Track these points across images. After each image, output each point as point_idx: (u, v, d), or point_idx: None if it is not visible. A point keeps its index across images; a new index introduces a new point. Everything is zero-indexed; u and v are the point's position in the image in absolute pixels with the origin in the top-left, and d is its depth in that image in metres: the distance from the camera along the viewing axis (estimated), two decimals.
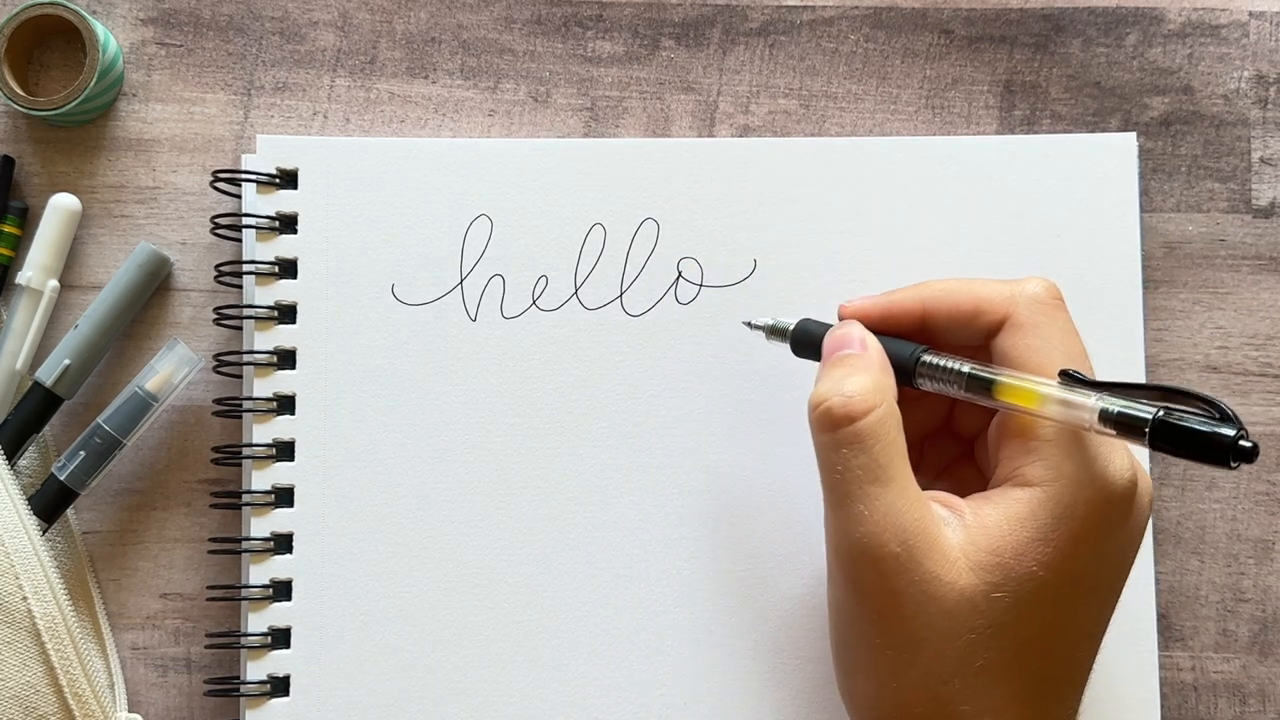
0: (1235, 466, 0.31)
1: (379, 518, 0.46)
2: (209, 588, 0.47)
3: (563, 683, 0.46)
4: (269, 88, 0.49)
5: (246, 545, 0.46)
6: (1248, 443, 0.31)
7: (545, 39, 0.50)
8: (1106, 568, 0.37)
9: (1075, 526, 0.36)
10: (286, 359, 0.47)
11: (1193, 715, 0.48)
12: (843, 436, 0.37)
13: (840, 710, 0.41)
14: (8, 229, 0.48)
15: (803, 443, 0.40)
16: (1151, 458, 0.47)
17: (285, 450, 0.46)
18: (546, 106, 0.50)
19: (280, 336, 0.47)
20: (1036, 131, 0.49)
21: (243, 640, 0.45)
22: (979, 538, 0.36)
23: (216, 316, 0.47)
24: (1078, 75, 0.50)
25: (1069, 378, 0.36)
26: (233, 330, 0.48)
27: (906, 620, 0.36)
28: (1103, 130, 0.49)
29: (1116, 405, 0.34)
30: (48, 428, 0.47)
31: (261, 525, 0.46)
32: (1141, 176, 0.49)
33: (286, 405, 0.46)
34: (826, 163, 0.48)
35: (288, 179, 0.47)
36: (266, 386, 0.46)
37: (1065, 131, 0.49)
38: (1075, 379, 0.36)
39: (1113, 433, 0.34)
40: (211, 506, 0.48)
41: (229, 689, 0.45)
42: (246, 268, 0.47)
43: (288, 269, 0.47)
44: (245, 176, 0.47)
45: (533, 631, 0.46)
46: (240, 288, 0.48)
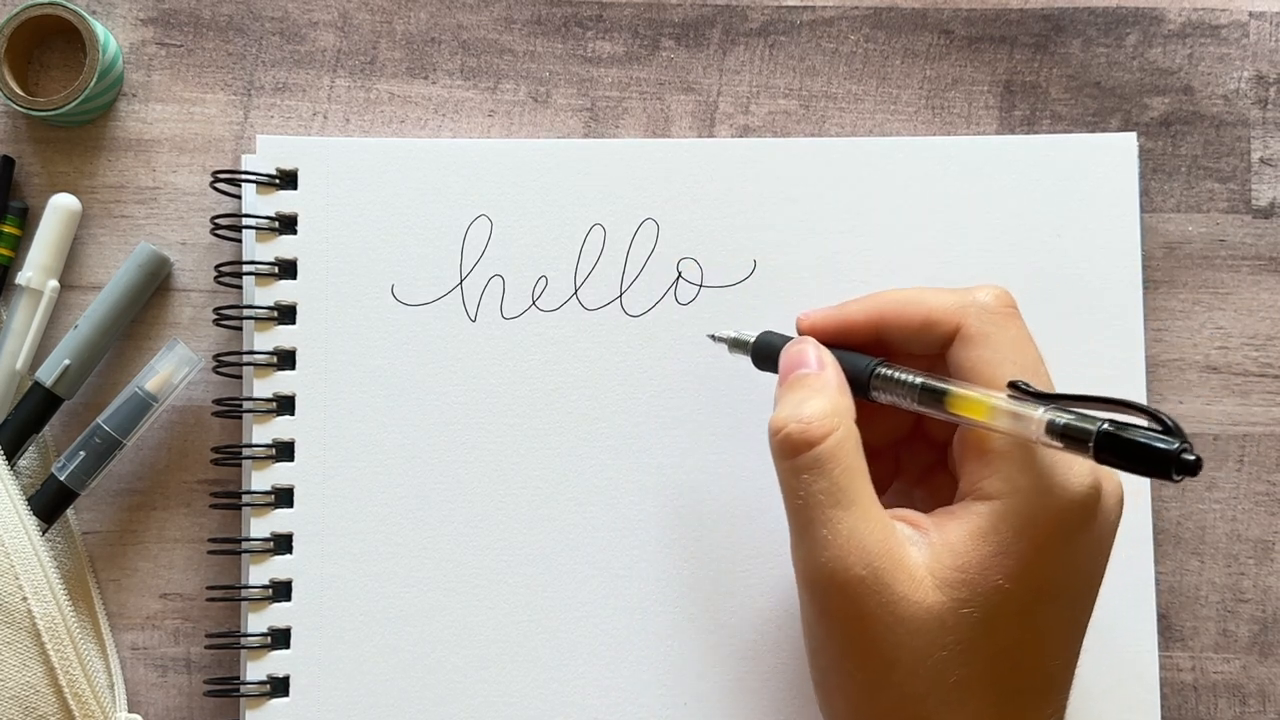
0: (1179, 479, 0.31)
1: (379, 518, 0.46)
2: (209, 588, 0.47)
3: (563, 683, 0.46)
4: (269, 88, 0.49)
5: (246, 545, 0.46)
6: (1190, 456, 0.31)
7: (545, 39, 0.50)
8: (1074, 575, 0.37)
9: (1037, 537, 0.36)
10: (286, 359, 0.47)
11: (1193, 715, 0.48)
12: (802, 462, 0.37)
13: None
14: (8, 229, 0.48)
15: None
16: None
17: (285, 450, 0.46)
18: (546, 107, 0.50)
19: (280, 337, 0.47)
20: (1036, 132, 0.49)
21: (243, 640, 0.45)
22: (944, 555, 0.36)
23: (216, 317, 0.47)
24: (1078, 75, 0.50)
25: (1017, 389, 0.36)
26: (233, 331, 0.48)
27: (877, 642, 0.36)
28: (1103, 130, 0.49)
29: (1062, 418, 0.34)
30: (48, 428, 0.47)
31: (261, 525, 0.46)
32: (1141, 177, 0.49)
33: (286, 406, 0.46)
34: (826, 163, 0.48)
35: (287, 179, 0.47)
36: (266, 387, 0.46)
37: (1065, 132, 0.49)
38: (1023, 391, 0.36)
39: (1060, 445, 0.34)
40: (211, 507, 0.48)
41: (229, 689, 0.46)
42: (246, 268, 0.47)
43: (287, 269, 0.47)
44: (245, 177, 0.47)
45: (533, 631, 0.46)
46: (240, 288, 0.48)
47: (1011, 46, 0.50)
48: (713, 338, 0.45)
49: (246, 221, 0.47)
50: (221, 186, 0.48)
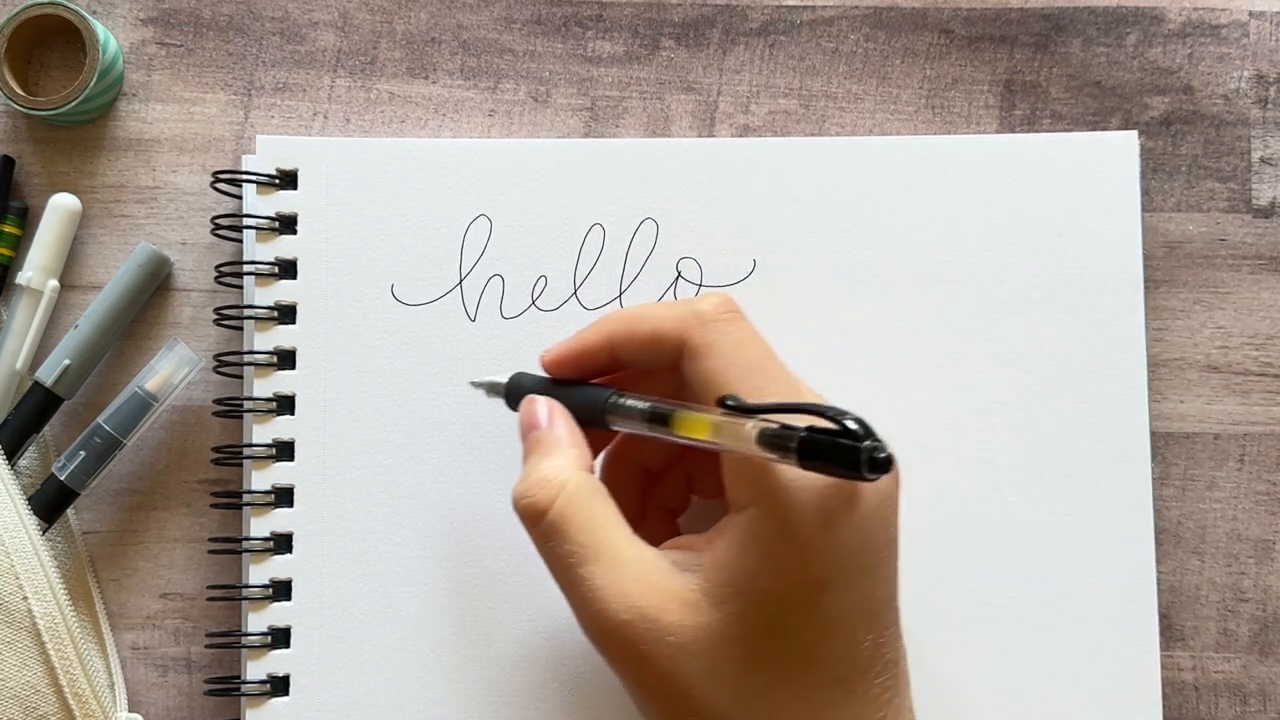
0: (874, 478, 0.31)
1: (379, 518, 0.46)
2: (209, 588, 0.47)
3: (563, 683, 0.46)
4: (269, 88, 0.49)
5: (246, 545, 0.46)
6: (881, 454, 0.31)
7: (545, 39, 0.50)
8: (849, 559, 0.36)
9: (797, 533, 0.35)
10: (286, 359, 0.47)
11: (1193, 715, 0.48)
12: (540, 531, 0.37)
13: None
14: (8, 229, 0.48)
15: None
16: (1153, 457, 0.47)
17: (285, 450, 0.46)
18: (546, 106, 0.50)
19: (280, 337, 0.47)
20: (1037, 131, 0.49)
21: (243, 640, 0.45)
22: (715, 572, 0.36)
23: (216, 317, 0.47)
24: (1078, 75, 0.50)
25: (726, 405, 0.35)
26: (233, 330, 0.48)
27: (665, 676, 0.36)
28: (1103, 130, 0.49)
29: (768, 429, 0.33)
30: (48, 428, 0.47)
31: (261, 525, 0.46)
32: (1142, 176, 0.49)
33: (286, 405, 0.46)
34: (826, 163, 0.48)
35: (287, 179, 0.47)
36: (266, 386, 0.46)
37: (1065, 131, 0.49)
38: (732, 406, 0.35)
39: (774, 456, 0.33)
40: (211, 506, 0.48)
41: (229, 689, 0.46)
42: (246, 268, 0.47)
43: (287, 269, 0.47)
44: (245, 177, 0.47)
45: (533, 631, 0.46)
46: (240, 288, 0.48)
47: (1012, 46, 0.50)
48: (473, 384, 0.45)
49: (246, 221, 0.47)
50: (222, 186, 0.48)
